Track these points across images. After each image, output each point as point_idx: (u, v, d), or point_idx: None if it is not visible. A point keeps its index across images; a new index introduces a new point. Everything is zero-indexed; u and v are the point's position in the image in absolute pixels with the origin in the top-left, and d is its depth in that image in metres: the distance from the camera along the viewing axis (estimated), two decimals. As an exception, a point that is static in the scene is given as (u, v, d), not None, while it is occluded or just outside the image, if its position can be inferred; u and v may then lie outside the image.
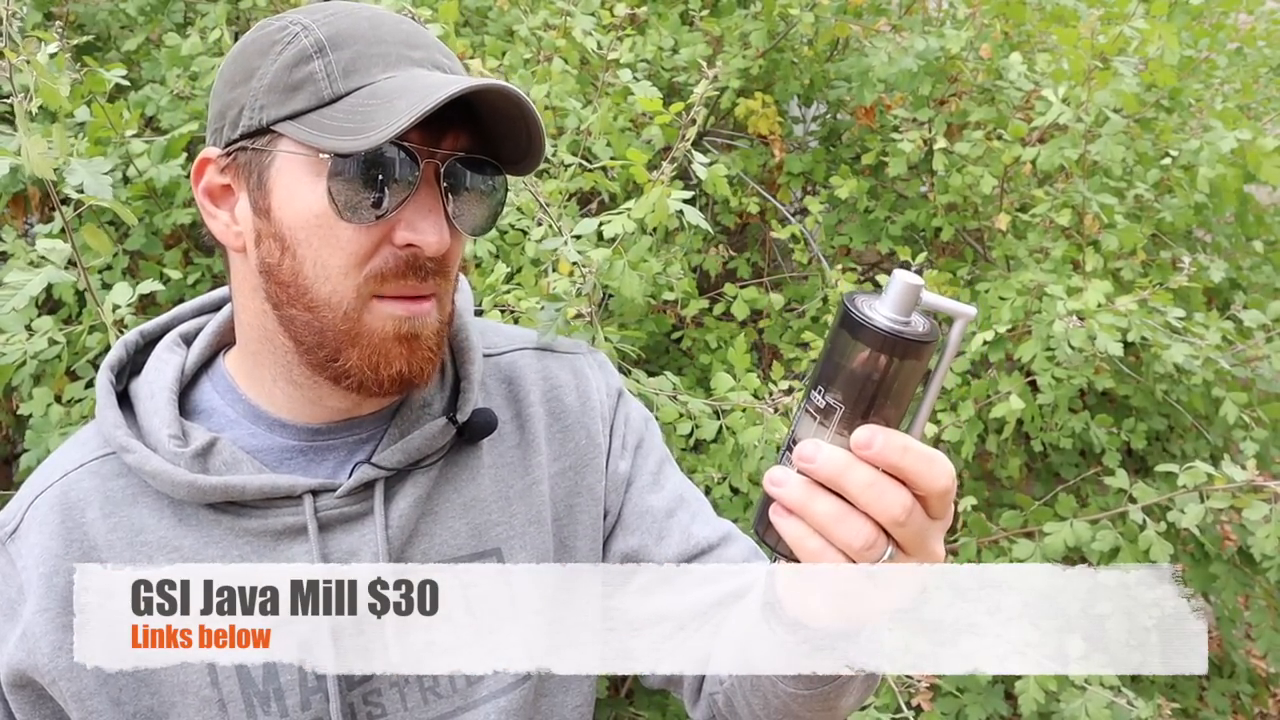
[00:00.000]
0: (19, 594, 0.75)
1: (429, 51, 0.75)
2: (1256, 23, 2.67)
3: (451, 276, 0.78)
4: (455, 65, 0.77)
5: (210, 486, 0.75)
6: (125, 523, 0.76)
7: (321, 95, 0.71)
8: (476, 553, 0.83)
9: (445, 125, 0.72)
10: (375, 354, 0.73)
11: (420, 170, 0.71)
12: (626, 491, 0.92)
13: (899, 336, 0.55)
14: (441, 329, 0.77)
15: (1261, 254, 2.51)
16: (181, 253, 1.94)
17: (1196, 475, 1.75)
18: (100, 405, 0.81)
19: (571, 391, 0.92)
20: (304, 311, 0.74)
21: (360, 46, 0.72)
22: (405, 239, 0.72)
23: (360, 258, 0.72)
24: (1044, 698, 1.72)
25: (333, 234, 0.72)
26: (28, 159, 1.17)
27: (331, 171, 0.70)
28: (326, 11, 0.74)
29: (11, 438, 2.15)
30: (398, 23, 0.75)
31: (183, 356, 0.84)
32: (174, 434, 0.78)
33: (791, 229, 2.28)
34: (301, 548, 0.77)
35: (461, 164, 0.74)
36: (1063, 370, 1.97)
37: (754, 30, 2.35)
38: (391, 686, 0.79)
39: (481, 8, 2.17)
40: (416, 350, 0.75)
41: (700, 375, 2.29)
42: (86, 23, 2.21)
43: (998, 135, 2.25)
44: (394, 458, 0.79)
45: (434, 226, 0.72)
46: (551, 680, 0.85)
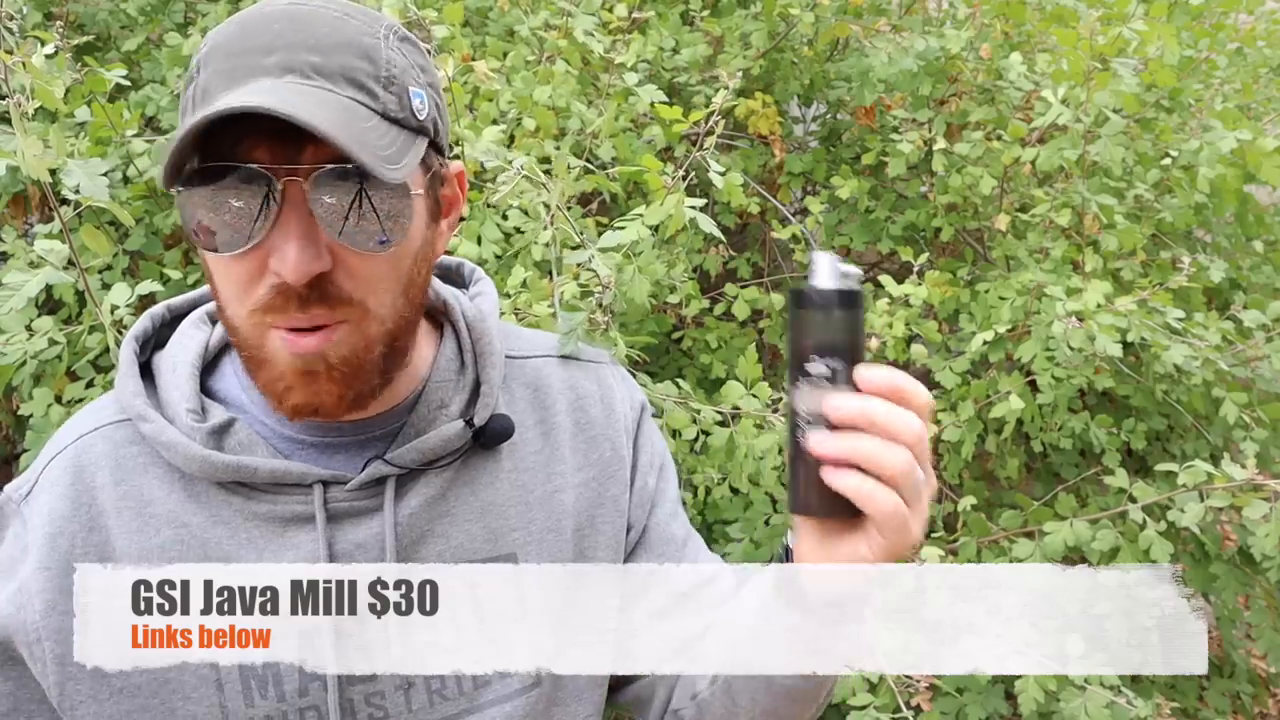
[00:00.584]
0: (22, 553, 0.75)
1: (289, 53, 0.67)
2: (1256, 23, 2.67)
3: (369, 295, 0.71)
4: (329, 60, 0.68)
5: (223, 464, 0.75)
6: (134, 491, 0.76)
7: (187, 124, 0.67)
8: (491, 557, 0.82)
9: (304, 138, 0.64)
10: (277, 383, 0.71)
11: (279, 191, 0.66)
12: (651, 512, 0.92)
13: (852, 291, 0.70)
14: (357, 356, 0.72)
15: (1261, 254, 2.51)
16: (181, 253, 1.94)
17: (1196, 474, 1.75)
18: (122, 374, 0.80)
19: (596, 402, 0.91)
20: (230, 334, 0.74)
21: (218, 63, 0.68)
22: (273, 267, 0.68)
23: (244, 285, 0.69)
24: (1044, 698, 1.72)
25: (219, 264, 0.70)
26: (23, 160, 1.17)
27: (182, 206, 0.68)
28: (226, 23, 0.71)
29: (11, 438, 2.15)
30: (269, 22, 0.69)
31: (207, 334, 0.84)
32: (192, 409, 0.78)
33: (792, 229, 2.28)
34: (308, 536, 0.77)
35: (330, 175, 0.66)
36: (1062, 370, 1.97)
37: (754, 30, 2.35)
38: (397, 689, 0.78)
39: (482, 8, 2.17)
40: (315, 384, 0.71)
41: (701, 375, 2.29)
42: (86, 23, 2.21)
43: (997, 135, 2.25)
44: (408, 456, 0.79)
45: (296, 252, 0.66)
46: (564, 690, 0.85)
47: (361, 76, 0.69)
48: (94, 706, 0.73)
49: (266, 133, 0.65)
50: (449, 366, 0.85)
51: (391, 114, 0.70)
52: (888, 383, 0.67)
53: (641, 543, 0.92)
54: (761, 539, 1.98)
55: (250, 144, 0.66)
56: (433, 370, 0.84)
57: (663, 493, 0.94)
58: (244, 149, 0.66)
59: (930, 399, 0.68)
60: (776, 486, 1.77)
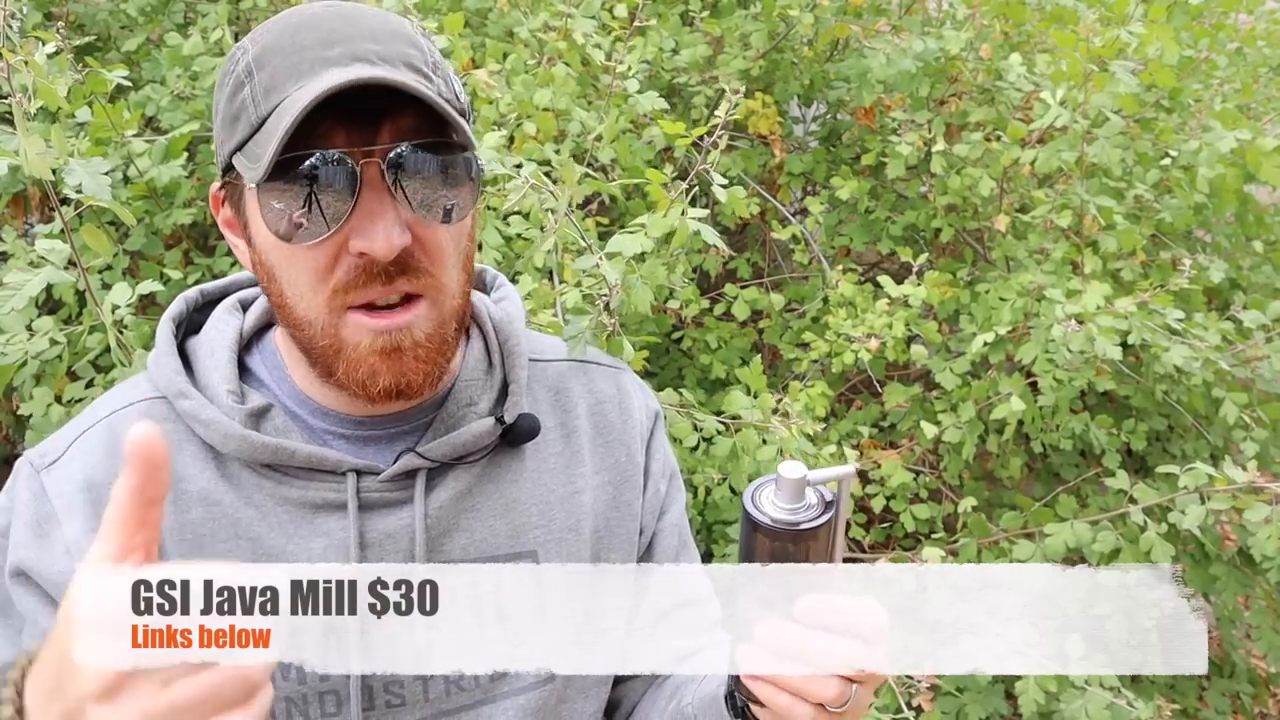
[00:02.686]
0: (49, 517, 0.76)
1: (350, 44, 0.70)
2: (1256, 23, 2.67)
3: (441, 270, 0.74)
4: (387, 48, 0.71)
5: (262, 444, 0.76)
6: None
7: (252, 122, 0.70)
8: (513, 553, 0.84)
9: (379, 116, 0.69)
10: (359, 369, 0.73)
11: (358, 172, 0.68)
12: (660, 519, 0.94)
13: (794, 528, 0.64)
14: (438, 331, 0.75)
15: (1261, 254, 2.51)
16: (181, 253, 1.94)
17: (1197, 476, 1.75)
18: (159, 352, 0.81)
19: (615, 407, 0.93)
20: (296, 330, 0.75)
21: (277, 61, 0.70)
22: (357, 247, 0.70)
23: (321, 273, 0.71)
24: (1044, 698, 1.72)
25: (293, 254, 0.71)
26: (25, 159, 1.17)
27: (261, 202, 0.70)
28: (265, 28, 0.73)
29: (11, 438, 2.15)
30: (321, 20, 0.71)
31: (241, 320, 0.85)
32: (233, 390, 0.79)
33: (792, 229, 2.28)
34: (338, 523, 0.78)
35: (409, 152, 0.70)
36: (1064, 372, 1.97)
37: (754, 31, 2.35)
38: (415, 678, 0.79)
39: (482, 9, 2.17)
40: (400, 363, 0.73)
41: (701, 375, 2.29)
42: (87, 23, 2.22)
43: (997, 136, 2.25)
44: (440, 450, 0.80)
45: (382, 230, 0.69)
46: (574, 686, 0.86)
47: (417, 62, 0.72)
48: None
49: (344, 119, 0.67)
50: (477, 366, 0.86)
51: (445, 96, 0.73)
52: (819, 620, 0.64)
53: (650, 549, 0.94)
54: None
55: (326, 130, 0.68)
56: (461, 369, 0.85)
57: (672, 500, 0.96)
58: (321, 136, 0.68)
59: (881, 621, 0.65)
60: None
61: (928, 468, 2.31)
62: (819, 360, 2.08)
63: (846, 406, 2.51)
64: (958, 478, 2.28)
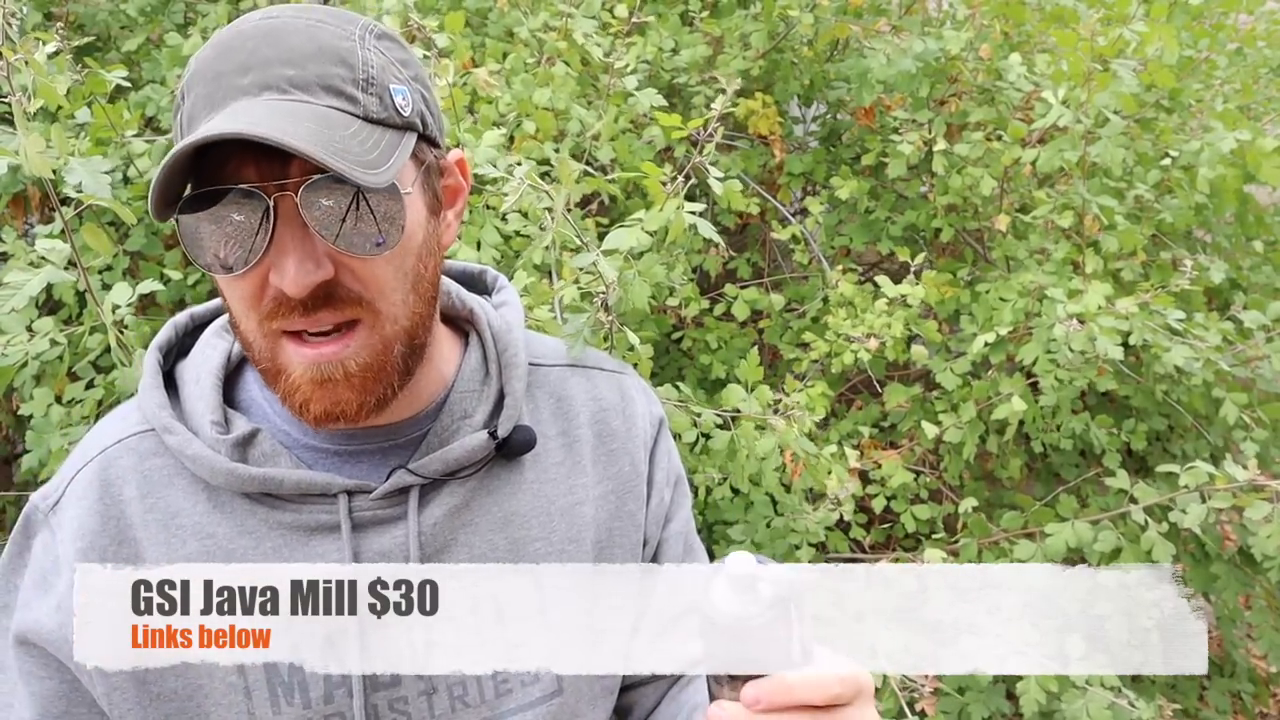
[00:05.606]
0: (54, 565, 0.76)
1: (265, 70, 0.67)
2: (1256, 23, 2.67)
3: (378, 296, 0.71)
4: (304, 72, 0.68)
5: (249, 476, 0.76)
6: (161, 504, 0.77)
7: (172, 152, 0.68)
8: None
9: (291, 153, 0.64)
10: (295, 395, 0.72)
11: (271, 207, 0.66)
12: (665, 527, 0.93)
13: (743, 624, 0.60)
14: (376, 360, 0.72)
15: (1261, 254, 2.51)
16: (181, 253, 1.94)
17: (1198, 475, 1.75)
18: (145, 385, 0.81)
19: (618, 414, 0.91)
20: (246, 350, 0.75)
21: (199, 88, 0.69)
22: (273, 281, 0.69)
23: (251, 300, 0.70)
24: (1045, 698, 1.72)
25: (226, 284, 0.72)
26: (26, 158, 1.17)
27: (183, 234, 0.69)
28: (209, 43, 0.71)
29: (12, 438, 2.15)
30: (244, 40, 0.69)
31: (230, 343, 0.85)
32: (216, 420, 0.78)
33: (792, 229, 2.28)
34: (333, 545, 0.77)
35: (324, 182, 0.66)
36: (1065, 372, 1.97)
37: (754, 31, 2.35)
38: (420, 695, 0.79)
39: (482, 9, 2.17)
40: (334, 392, 0.71)
41: (701, 376, 2.29)
42: (86, 23, 2.22)
43: (997, 136, 2.25)
44: (431, 466, 0.79)
45: (292, 266, 0.67)
46: (581, 699, 0.85)
47: (338, 83, 0.69)
48: (140, 713, 0.75)
49: (254, 151, 0.65)
50: (474, 376, 0.85)
51: (373, 116, 0.70)
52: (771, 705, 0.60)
53: (656, 558, 0.93)
54: (762, 540, 1.97)
55: (238, 164, 0.67)
56: (457, 379, 0.84)
57: (677, 508, 0.95)
58: (233, 170, 0.67)
59: (839, 681, 0.61)
60: (777, 488, 1.77)
61: (928, 468, 2.31)
62: (819, 360, 2.08)
63: (847, 406, 2.51)
64: (958, 478, 2.28)
